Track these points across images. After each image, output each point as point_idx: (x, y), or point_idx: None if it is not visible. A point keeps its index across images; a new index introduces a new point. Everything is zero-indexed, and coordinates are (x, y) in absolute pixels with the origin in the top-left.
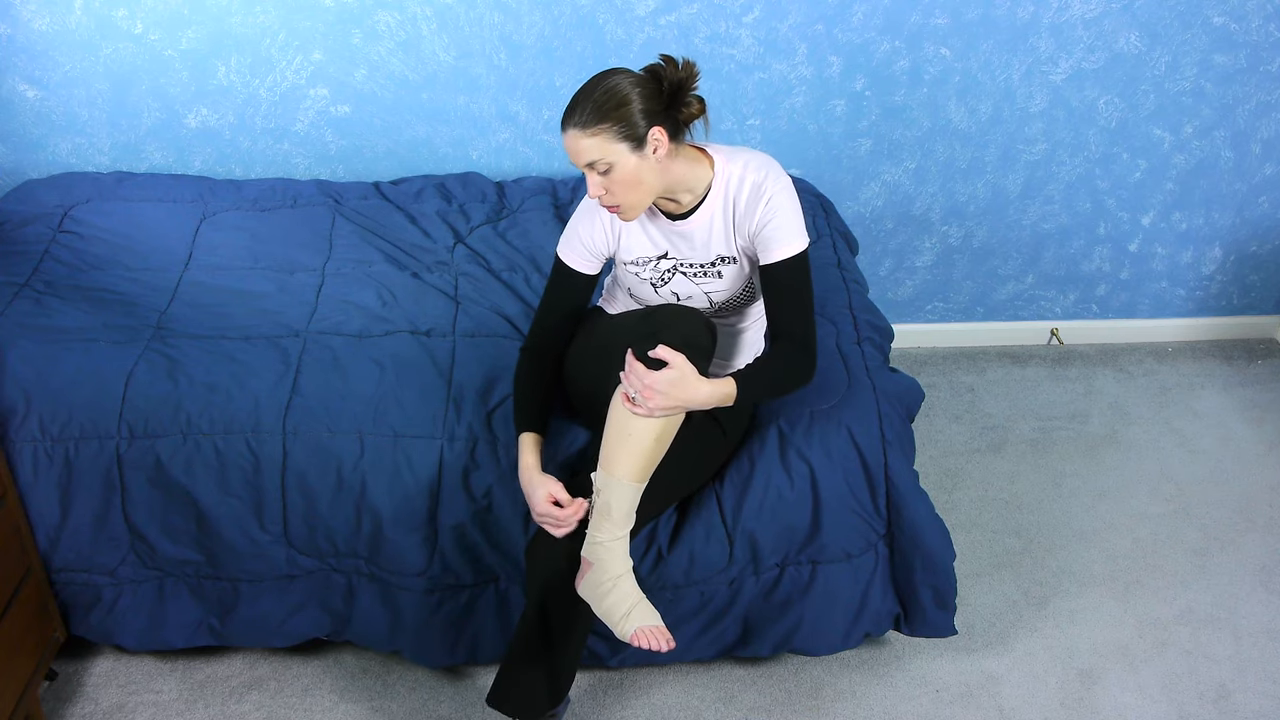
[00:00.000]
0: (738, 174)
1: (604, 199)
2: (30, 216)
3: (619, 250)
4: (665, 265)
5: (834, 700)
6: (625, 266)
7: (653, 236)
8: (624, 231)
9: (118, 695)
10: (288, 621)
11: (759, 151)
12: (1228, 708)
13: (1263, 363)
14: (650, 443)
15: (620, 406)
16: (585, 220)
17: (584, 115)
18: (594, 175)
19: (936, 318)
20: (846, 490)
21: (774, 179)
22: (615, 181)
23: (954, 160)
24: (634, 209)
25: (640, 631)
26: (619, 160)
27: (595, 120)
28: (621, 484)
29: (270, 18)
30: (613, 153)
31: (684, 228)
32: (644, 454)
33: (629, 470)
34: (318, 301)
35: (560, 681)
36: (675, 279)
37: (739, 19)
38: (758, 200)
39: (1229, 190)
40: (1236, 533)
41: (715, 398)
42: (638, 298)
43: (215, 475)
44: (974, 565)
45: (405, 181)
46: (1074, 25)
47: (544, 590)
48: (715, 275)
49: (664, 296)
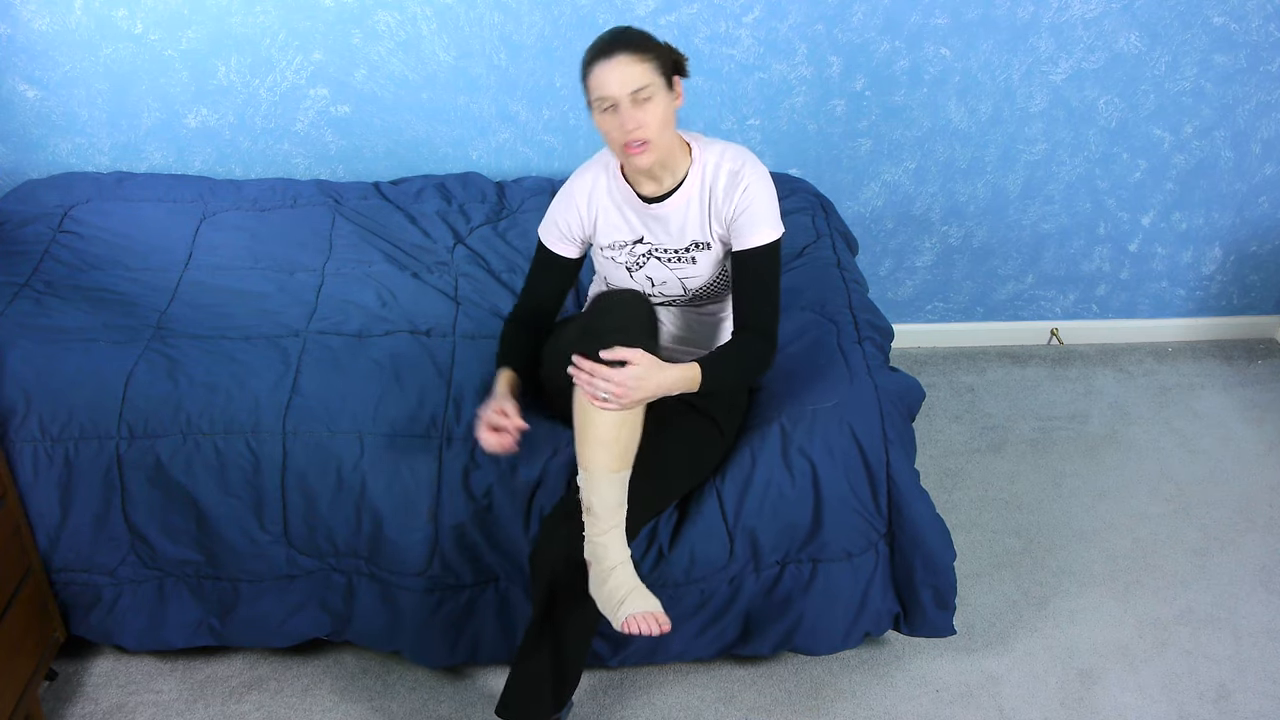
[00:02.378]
0: (714, 161)
1: (637, 133)
2: (30, 216)
3: (595, 234)
4: (640, 250)
5: (834, 700)
6: (601, 251)
7: (629, 220)
8: (600, 215)
9: (118, 695)
10: (288, 621)
11: (734, 143)
12: (1228, 708)
13: (1263, 363)
14: (616, 430)
15: (581, 405)
16: (562, 204)
17: (631, 44)
18: (631, 109)
19: (936, 318)
20: (848, 488)
21: (751, 167)
22: (651, 115)
23: (954, 160)
24: (656, 151)
25: (631, 618)
26: (658, 94)
27: (644, 48)
28: (598, 476)
29: (270, 18)
30: (655, 84)
31: (660, 210)
32: (614, 442)
33: (602, 462)
34: (317, 301)
35: (565, 686)
36: (650, 264)
37: (739, 19)
38: (735, 187)
39: (1229, 190)
40: (1236, 533)
41: (683, 381)
42: (613, 284)
43: (215, 475)
44: (974, 565)
45: (405, 181)
46: (1074, 25)
47: (548, 595)
48: (690, 261)
49: (638, 282)
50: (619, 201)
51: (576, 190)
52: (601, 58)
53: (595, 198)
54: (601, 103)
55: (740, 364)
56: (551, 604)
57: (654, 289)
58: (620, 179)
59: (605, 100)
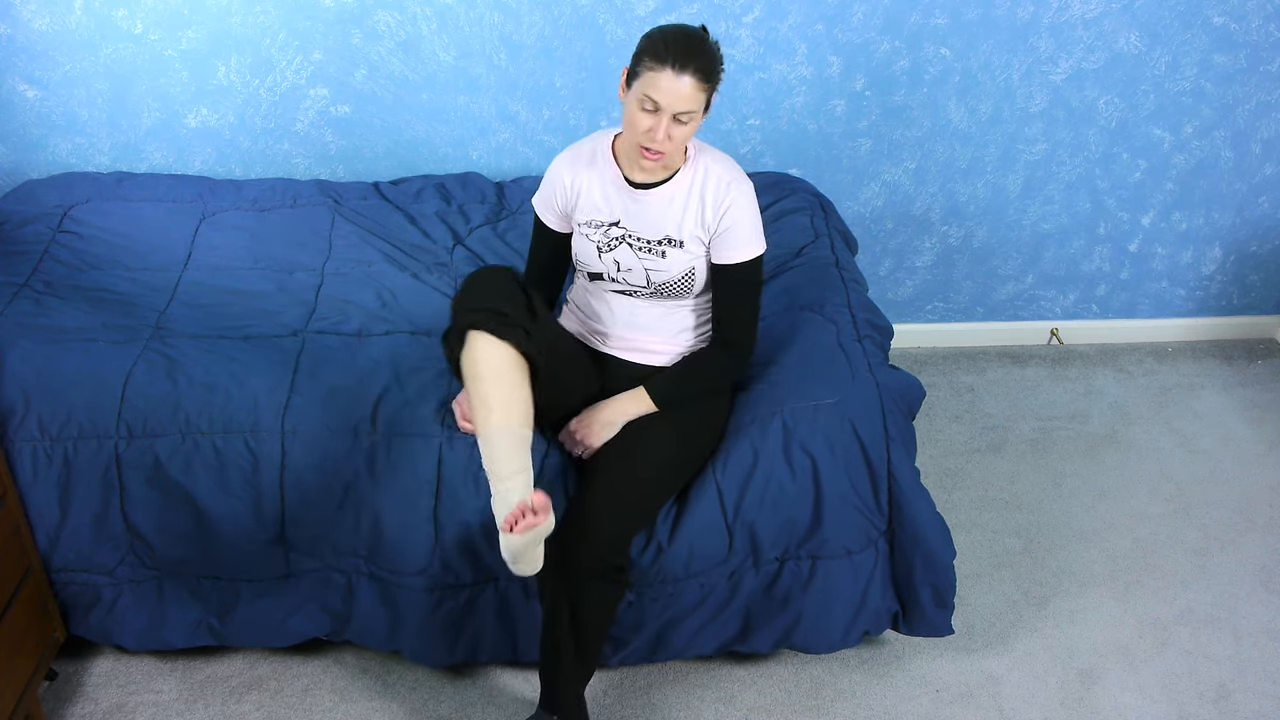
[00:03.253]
0: (706, 165)
1: (663, 144)
2: (30, 216)
3: (575, 209)
4: (615, 233)
5: (834, 700)
6: (579, 227)
7: (610, 200)
8: (583, 190)
9: (118, 695)
10: (287, 621)
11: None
12: (1228, 708)
13: (1263, 363)
14: (489, 388)
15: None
16: (550, 175)
17: (703, 69)
18: (670, 123)
19: (936, 318)
20: (848, 485)
21: (741, 181)
22: (682, 134)
23: (954, 160)
24: (671, 158)
25: (507, 519)
26: (697, 117)
27: (711, 77)
28: (486, 435)
29: (270, 18)
30: (699, 110)
31: (644, 196)
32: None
33: (483, 419)
34: (317, 301)
35: (559, 695)
36: (620, 248)
37: (739, 19)
38: (724, 197)
39: (1229, 190)
40: (1236, 533)
41: (641, 406)
42: (582, 261)
43: (214, 475)
44: (974, 565)
45: (405, 181)
46: (1074, 25)
47: (552, 612)
48: (659, 255)
49: (606, 264)
50: (604, 180)
51: (565, 162)
52: (675, 67)
53: (580, 172)
54: (647, 100)
55: (706, 377)
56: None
57: (619, 273)
58: (611, 159)
59: (652, 101)
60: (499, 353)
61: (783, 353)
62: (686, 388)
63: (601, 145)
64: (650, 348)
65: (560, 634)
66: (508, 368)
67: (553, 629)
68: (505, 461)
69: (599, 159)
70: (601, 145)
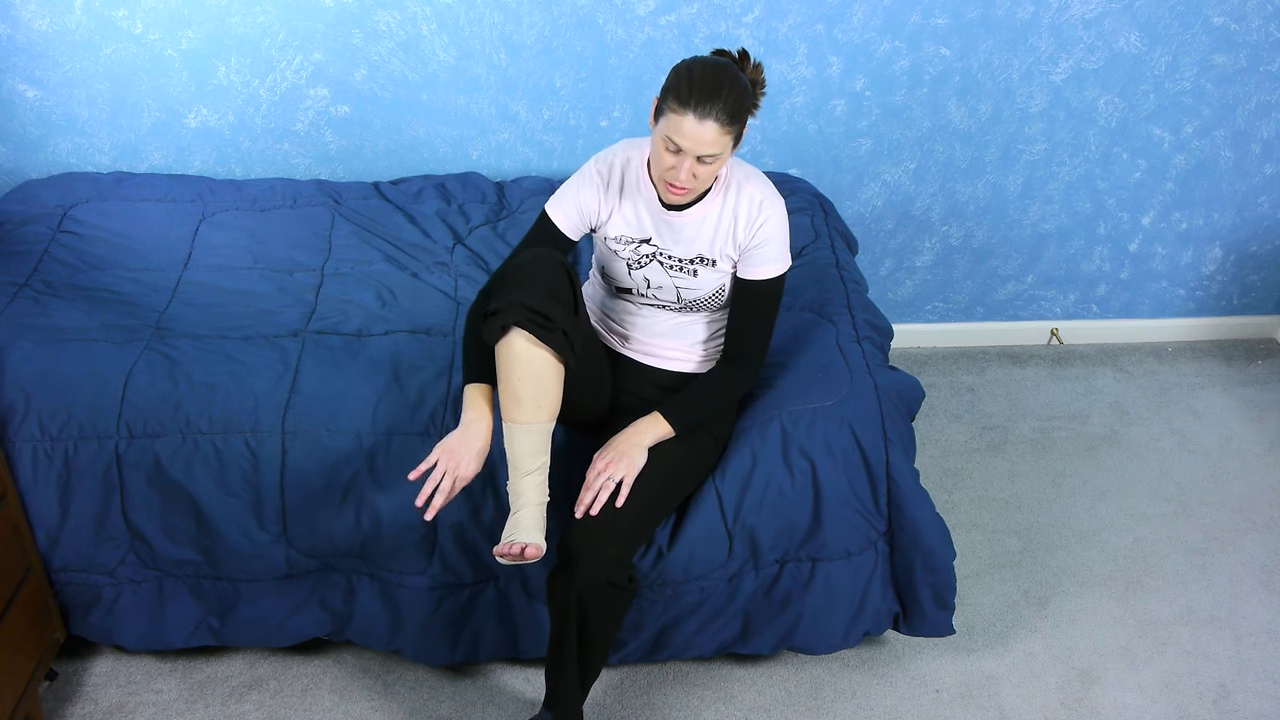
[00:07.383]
0: (739, 183)
1: (686, 182)
2: (30, 216)
3: (605, 225)
4: (645, 250)
5: (834, 700)
6: (606, 241)
7: (642, 219)
8: (616, 205)
9: (118, 695)
10: (288, 621)
11: (757, 169)
12: (1228, 708)
13: (1263, 363)
14: (521, 385)
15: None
16: (587, 186)
17: (727, 111)
18: (693, 164)
19: (936, 318)
20: (848, 487)
21: (774, 199)
22: (707, 173)
23: (954, 160)
24: (692, 195)
25: (501, 546)
26: (724, 154)
27: (733, 120)
28: (509, 430)
29: (270, 18)
30: (726, 150)
31: (676, 219)
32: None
33: (512, 415)
34: (317, 301)
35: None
36: (651, 265)
37: (739, 19)
38: (758, 216)
39: (1229, 190)
40: (1236, 533)
41: (659, 433)
42: (610, 275)
43: (214, 475)
44: (974, 565)
45: (405, 181)
46: (1074, 25)
47: (562, 618)
48: (690, 273)
49: (635, 281)
50: (638, 197)
51: (602, 173)
52: (697, 112)
53: (617, 186)
54: (669, 141)
55: (719, 396)
56: (560, 628)
57: (649, 290)
58: (647, 182)
59: (674, 144)
60: (537, 355)
61: (782, 355)
62: (703, 410)
63: (634, 163)
64: (669, 354)
65: (568, 639)
66: (543, 368)
67: (562, 635)
68: (526, 458)
69: (631, 181)
70: (634, 163)
